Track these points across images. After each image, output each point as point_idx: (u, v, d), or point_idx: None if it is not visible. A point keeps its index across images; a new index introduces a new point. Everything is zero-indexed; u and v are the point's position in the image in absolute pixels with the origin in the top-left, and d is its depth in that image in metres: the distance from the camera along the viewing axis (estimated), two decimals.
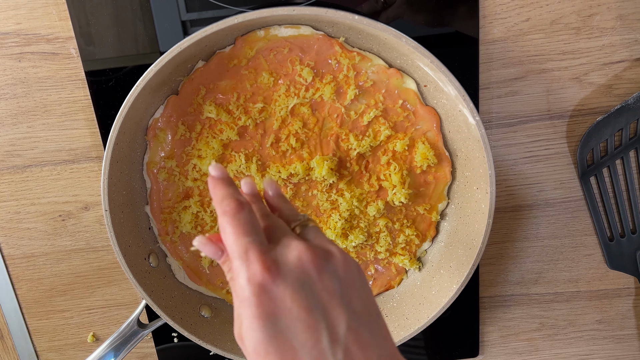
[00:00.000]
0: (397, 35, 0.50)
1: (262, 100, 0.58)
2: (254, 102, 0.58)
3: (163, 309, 0.58)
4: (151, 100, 0.56)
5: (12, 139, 0.63)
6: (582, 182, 0.66)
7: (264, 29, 0.56)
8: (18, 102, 0.61)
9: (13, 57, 0.60)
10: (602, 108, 0.63)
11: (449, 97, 0.54)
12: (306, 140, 0.59)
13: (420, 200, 0.61)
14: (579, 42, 0.61)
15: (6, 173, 0.64)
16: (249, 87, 0.58)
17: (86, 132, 0.63)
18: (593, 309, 0.73)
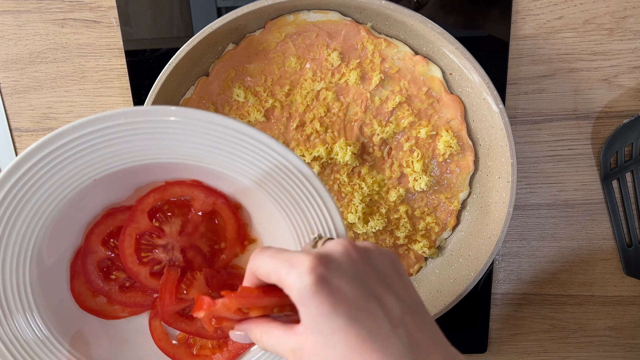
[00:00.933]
0: (423, 21, 0.51)
1: (289, 84, 0.60)
2: (281, 86, 0.60)
3: None
4: (182, 80, 0.58)
5: (49, 102, 0.65)
6: (604, 185, 0.66)
7: (294, 13, 0.57)
8: (58, 66, 0.64)
9: (56, 23, 0.62)
10: (629, 111, 0.63)
11: (473, 85, 0.55)
12: (330, 124, 0.61)
13: (442, 189, 0.62)
14: (610, 44, 0.61)
15: (41, 134, 0.67)
16: (276, 70, 0.59)
17: (120, 100, 0.65)
18: (606, 315, 0.72)
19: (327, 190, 0.43)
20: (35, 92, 0.65)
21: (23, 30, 0.63)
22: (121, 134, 0.41)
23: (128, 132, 0.41)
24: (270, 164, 0.43)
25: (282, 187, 0.44)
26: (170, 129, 0.42)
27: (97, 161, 0.42)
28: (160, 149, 0.43)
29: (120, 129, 0.41)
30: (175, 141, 0.43)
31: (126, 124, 0.41)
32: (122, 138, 0.41)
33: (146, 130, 0.42)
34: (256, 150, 0.43)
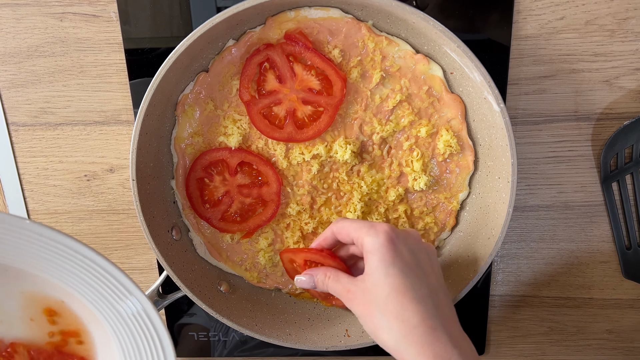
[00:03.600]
0: (425, 18, 0.50)
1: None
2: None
3: (183, 281, 0.59)
4: (182, 75, 0.58)
5: (47, 96, 0.65)
6: (604, 187, 0.66)
7: (295, 9, 0.57)
8: (56, 60, 0.63)
9: (55, 16, 0.62)
10: (629, 113, 0.63)
11: (474, 85, 0.54)
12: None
13: (442, 189, 0.62)
14: (612, 45, 0.60)
15: (39, 129, 0.66)
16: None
17: (118, 96, 0.65)
18: (604, 318, 0.72)
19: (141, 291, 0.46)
20: (33, 87, 0.65)
21: (21, 24, 0.62)
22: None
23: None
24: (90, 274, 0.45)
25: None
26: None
27: None
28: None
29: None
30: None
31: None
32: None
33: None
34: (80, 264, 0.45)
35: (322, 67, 0.57)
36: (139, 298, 0.46)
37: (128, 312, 0.46)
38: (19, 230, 0.42)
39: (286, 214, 0.63)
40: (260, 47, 0.57)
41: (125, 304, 0.46)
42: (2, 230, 0.43)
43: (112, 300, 0.46)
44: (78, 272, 0.45)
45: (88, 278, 0.45)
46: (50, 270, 0.46)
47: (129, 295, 0.45)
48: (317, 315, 0.65)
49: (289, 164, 0.61)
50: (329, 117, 0.59)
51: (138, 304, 0.46)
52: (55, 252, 0.44)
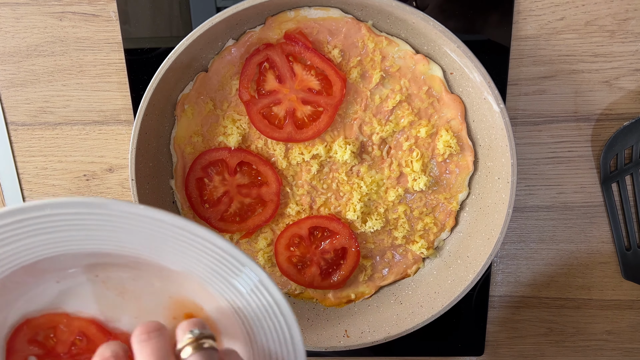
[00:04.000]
0: (425, 18, 0.50)
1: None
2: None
3: None
4: (181, 75, 0.58)
5: (46, 96, 0.65)
6: (603, 188, 0.66)
7: (294, 9, 0.57)
8: (55, 60, 0.63)
9: (54, 16, 0.62)
10: (629, 114, 0.63)
11: (474, 85, 0.54)
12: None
13: (441, 189, 0.62)
14: (612, 46, 0.60)
15: (38, 129, 0.66)
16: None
17: (117, 95, 0.65)
18: (603, 319, 0.72)
19: (294, 317, 0.43)
20: (32, 86, 0.65)
21: (21, 23, 0.62)
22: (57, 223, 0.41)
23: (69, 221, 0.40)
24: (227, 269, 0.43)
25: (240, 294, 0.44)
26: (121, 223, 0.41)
27: (25, 248, 0.42)
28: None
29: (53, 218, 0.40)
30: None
31: (51, 215, 0.40)
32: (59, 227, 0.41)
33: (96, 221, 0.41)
34: (218, 258, 0.42)
35: (321, 67, 0.57)
36: (254, 270, 0.43)
37: (247, 289, 0.44)
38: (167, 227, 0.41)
39: (285, 214, 0.63)
40: (260, 47, 0.57)
41: (243, 280, 0.44)
42: (159, 229, 0.42)
43: (228, 277, 0.44)
44: (198, 256, 0.43)
45: (205, 259, 0.43)
46: (179, 259, 0.44)
47: (242, 267, 0.43)
48: (316, 315, 0.65)
49: (288, 164, 0.61)
50: (329, 117, 0.58)
51: (254, 276, 0.44)
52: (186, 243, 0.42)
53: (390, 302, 0.64)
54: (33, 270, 0.45)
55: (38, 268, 0.45)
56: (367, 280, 0.65)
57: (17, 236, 0.41)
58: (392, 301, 0.64)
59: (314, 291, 0.66)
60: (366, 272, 0.65)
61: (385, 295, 0.65)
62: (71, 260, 0.45)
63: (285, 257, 0.63)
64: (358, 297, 0.66)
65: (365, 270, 0.65)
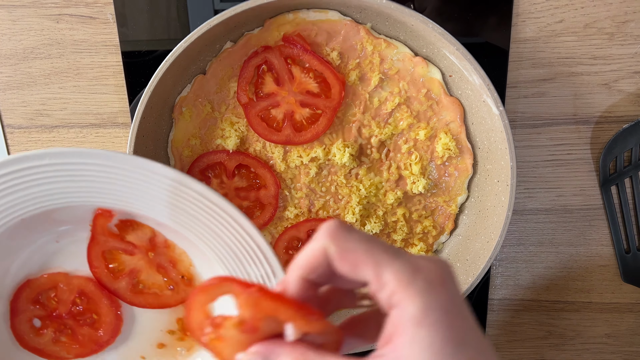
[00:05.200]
0: (424, 21, 0.50)
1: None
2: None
3: None
4: (179, 77, 0.57)
5: (43, 99, 0.64)
6: (603, 191, 0.65)
7: (293, 12, 0.57)
8: (52, 62, 0.63)
9: (51, 18, 0.61)
10: (629, 117, 0.63)
11: (473, 88, 0.54)
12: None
13: (440, 192, 0.61)
14: (611, 48, 0.60)
15: (34, 132, 0.66)
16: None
17: (115, 98, 0.64)
18: (603, 322, 0.72)
19: (260, 234, 0.43)
20: (29, 89, 0.64)
21: (17, 25, 0.62)
22: (45, 175, 0.41)
23: (54, 172, 0.41)
24: (203, 212, 0.43)
25: (217, 234, 0.44)
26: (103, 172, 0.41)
27: (24, 200, 0.42)
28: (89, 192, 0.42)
29: (44, 169, 0.40)
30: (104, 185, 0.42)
31: (51, 164, 0.40)
32: (48, 179, 0.41)
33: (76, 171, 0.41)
34: (188, 198, 0.42)
35: (320, 69, 0.57)
36: (275, 268, 0.43)
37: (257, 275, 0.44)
38: (160, 179, 0.41)
39: (284, 217, 0.63)
40: (258, 50, 0.57)
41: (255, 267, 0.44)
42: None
43: (251, 270, 0.44)
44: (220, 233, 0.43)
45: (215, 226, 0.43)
46: (188, 224, 0.44)
47: (264, 260, 0.43)
48: None
49: (286, 167, 0.61)
50: (327, 120, 0.58)
51: (269, 269, 0.44)
52: (194, 205, 0.42)
53: None
54: (32, 224, 0.45)
55: (39, 221, 0.45)
56: None
57: (17, 187, 0.41)
58: None
59: None
60: None
61: None
62: (74, 214, 0.45)
63: (284, 260, 0.63)
64: None
65: None
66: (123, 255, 0.50)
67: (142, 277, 0.50)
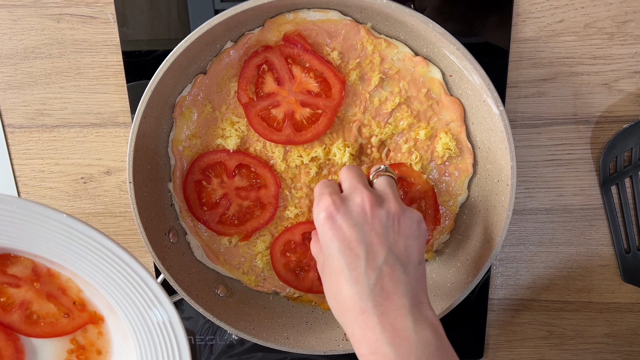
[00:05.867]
0: (424, 20, 0.50)
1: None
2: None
3: (180, 285, 0.58)
4: (179, 77, 0.57)
5: (43, 98, 0.65)
6: (603, 191, 0.65)
7: (293, 12, 0.57)
8: (53, 62, 0.63)
9: (52, 18, 0.62)
10: (629, 117, 0.63)
11: (473, 87, 0.54)
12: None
13: (441, 192, 0.61)
14: (611, 48, 0.60)
15: (35, 131, 0.66)
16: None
17: (115, 98, 0.64)
18: (603, 322, 0.72)
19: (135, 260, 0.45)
20: (30, 88, 0.64)
21: (18, 25, 0.62)
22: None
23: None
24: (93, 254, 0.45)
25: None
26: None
27: None
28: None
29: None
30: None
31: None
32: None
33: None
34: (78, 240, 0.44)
35: (320, 69, 0.57)
36: (168, 310, 0.45)
37: (154, 321, 0.46)
38: (52, 222, 0.42)
39: (284, 216, 0.63)
40: (259, 49, 0.57)
41: (153, 313, 0.46)
42: (32, 220, 0.42)
43: (140, 306, 0.46)
44: (107, 270, 0.45)
45: (116, 277, 0.45)
46: (77, 263, 0.45)
47: (158, 305, 0.45)
48: (315, 319, 0.65)
49: (287, 167, 0.61)
50: (328, 120, 0.58)
51: (166, 315, 0.46)
52: (86, 247, 0.43)
53: None
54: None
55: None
56: None
57: None
58: None
59: (312, 294, 0.65)
60: None
61: None
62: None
63: (282, 264, 0.63)
64: None
65: None
66: (9, 288, 0.50)
67: (35, 307, 0.50)
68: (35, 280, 0.50)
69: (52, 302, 0.51)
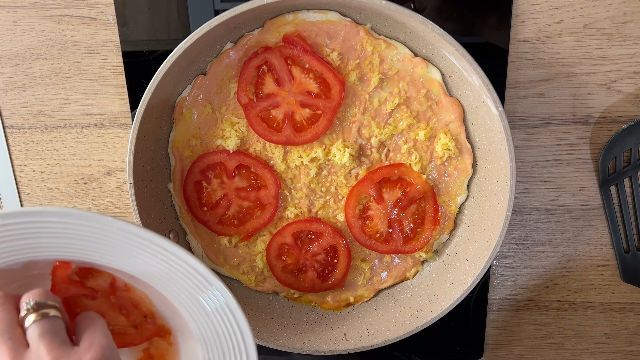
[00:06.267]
0: (423, 22, 0.50)
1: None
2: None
3: None
4: (179, 78, 0.58)
5: (44, 99, 0.65)
6: (602, 191, 0.66)
7: (293, 12, 0.57)
8: (53, 63, 0.63)
9: (52, 19, 0.62)
10: (628, 117, 0.63)
11: (472, 88, 0.54)
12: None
13: (440, 192, 0.61)
14: (610, 49, 0.60)
15: (35, 132, 0.66)
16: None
17: (115, 99, 0.64)
18: (602, 322, 0.72)
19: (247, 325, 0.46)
20: (30, 89, 0.64)
21: (18, 26, 0.62)
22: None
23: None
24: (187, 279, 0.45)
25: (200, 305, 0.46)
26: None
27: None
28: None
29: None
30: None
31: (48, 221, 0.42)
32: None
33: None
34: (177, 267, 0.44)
35: (320, 70, 0.57)
36: (221, 290, 0.45)
37: (211, 306, 0.46)
38: (130, 237, 0.43)
39: (284, 217, 0.63)
40: (259, 50, 0.57)
41: (207, 296, 0.46)
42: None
43: (194, 292, 0.46)
44: (162, 267, 0.45)
45: (170, 271, 0.45)
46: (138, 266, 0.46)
47: (210, 286, 0.45)
48: (314, 319, 0.65)
49: (287, 167, 0.61)
50: (327, 120, 0.58)
51: (220, 296, 0.45)
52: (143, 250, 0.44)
53: (389, 305, 0.64)
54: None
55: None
56: (366, 284, 0.65)
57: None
58: (391, 304, 0.64)
59: (313, 294, 0.66)
60: (365, 276, 0.65)
61: (384, 298, 0.65)
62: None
63: (280, 267, 0.63)
64: (357, 300, 0.66)
65: (364, 273, 0.65)
66: (85, 300, 0.50)
67: (107, 319, 0.51)
68: (112, 293, 0.51)
69: (124, 315, 0.52)
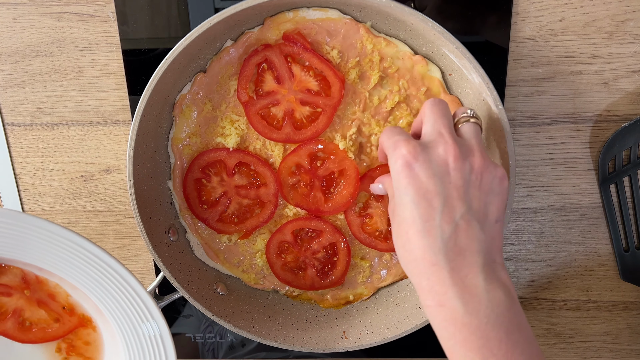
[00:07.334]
0: (423, 19, 0.50)
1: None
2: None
3: (180, 282, 0.58)
4: (179, 76, 0.57)
5: (43, 96, 0.65)
6: (602, 190, 0.66)
7: (293, 10, 0.57)
8: (53, 60, 0.63)
9: (52, 16, 0.62)
10: (628, 116, 0.63)
11: (472, 86, 0.54)
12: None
13: None
14: (610, 47, 0.60)
15: (35, 129, 0.66)
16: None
17: (115, 96, 0.64)
18: (602, 320, 0.72)
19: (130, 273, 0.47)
20: (30, 86, 0.64)
21: (18, 23, 0.62)
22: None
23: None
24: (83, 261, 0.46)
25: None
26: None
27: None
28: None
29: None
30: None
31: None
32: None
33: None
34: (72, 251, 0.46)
35: (320, 68, 0.57)
36: (161, 326, 0.46)
37: (145, 334, 0.47)
38: (42, 232, 0.43)
39: (284, 215, 0.63)
40: (259, 48, 0.57)
41: (145, 327, 0.47)
42: (27, 230, 0.43)
43: (132, 317, 0.47)
44: (98, 278, 0.46)
45: (113, 291, 0.46)
46: (65, 269, 0.46)
47: (150, 319, 0.46)
48: (314, 317, 0.65)
49: None
50: (327, 118, 0.58)
51: (157, 329, 0.47)
52: (75, 255, 0.44)
53: (388, 303, 0.64)
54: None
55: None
56: (365, 282, 0.65)
57: None
58: (390, 303, 0.64)
59: (312, 292, 0.66)
60: (364, 274, 0.65)
61: (383, 296, 0.65)
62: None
63: (279, 265, 0.63)
64: (356, 298, 0.66)
65: (364, 271, 0.65)
66: (1, 297, 0.51)
67: (27, 314, 0.51)
68: (25, 287, 0.51)
69: (43, 308, 0.52)
